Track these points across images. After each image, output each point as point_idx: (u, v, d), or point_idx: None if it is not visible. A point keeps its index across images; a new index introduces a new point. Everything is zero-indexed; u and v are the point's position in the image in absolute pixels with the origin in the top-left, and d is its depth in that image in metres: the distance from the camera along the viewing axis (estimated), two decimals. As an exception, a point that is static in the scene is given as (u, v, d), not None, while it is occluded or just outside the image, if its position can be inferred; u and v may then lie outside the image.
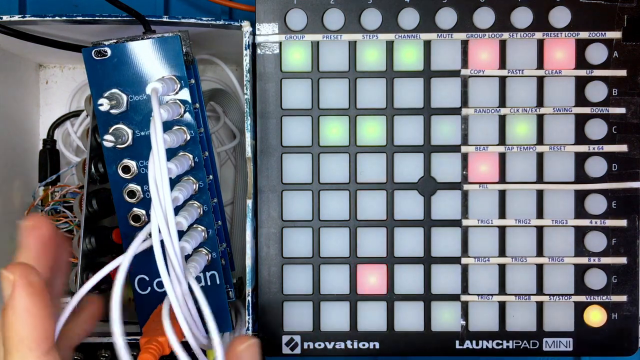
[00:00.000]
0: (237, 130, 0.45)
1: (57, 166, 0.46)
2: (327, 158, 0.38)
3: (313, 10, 0.38)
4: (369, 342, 0.38)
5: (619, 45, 0.37)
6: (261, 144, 0.38)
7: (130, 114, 0.34)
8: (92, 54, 0.34)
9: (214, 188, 0.36)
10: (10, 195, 0.43)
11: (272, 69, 0.38)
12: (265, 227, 0.38)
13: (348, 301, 0.38)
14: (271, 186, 0.38)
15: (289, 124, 0.38)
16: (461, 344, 0.38)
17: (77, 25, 0.37)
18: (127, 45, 0.33)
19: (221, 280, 0.35)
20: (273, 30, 0.38)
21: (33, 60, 0.46)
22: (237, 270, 0.40)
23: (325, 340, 0.38)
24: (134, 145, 0.34)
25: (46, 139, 0.46)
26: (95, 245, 0.38)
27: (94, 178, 0.38)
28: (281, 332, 0.38)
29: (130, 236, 0.35)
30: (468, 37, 0.37)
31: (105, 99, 0.32)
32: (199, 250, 0.34)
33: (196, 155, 0.34)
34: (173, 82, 0.33)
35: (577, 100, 0.37)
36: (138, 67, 0.33)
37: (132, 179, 0.34)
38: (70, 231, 0.43)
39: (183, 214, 0.32)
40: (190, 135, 0.34)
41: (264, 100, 0.38)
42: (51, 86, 0.47)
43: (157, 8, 0.46)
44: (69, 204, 0.44)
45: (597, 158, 0.37)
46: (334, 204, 0.38)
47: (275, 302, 0.38)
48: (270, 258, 0.38)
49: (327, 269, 0.38)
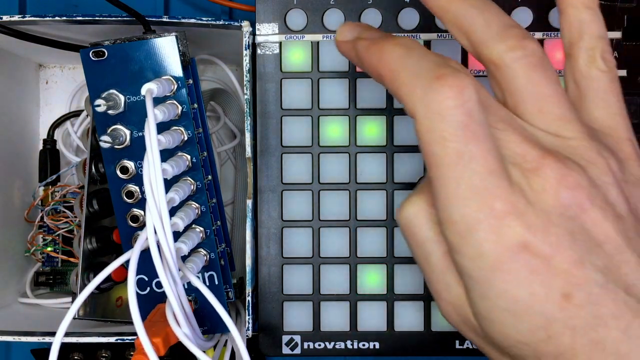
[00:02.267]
0: (237, 130, 0.45)
1: (57, 166, 0.46)
2: (327, 158, 0.38)
3: (313, 10, 0.38)
4: (369, 342, 0.38)
5: (619, 45, 0.37)
6: (261, 144, 0.38)
7: (128, 114, 0.34)
8: (90, 54, 0.34)
9: (213, 188, 0.36)
10: (10, 195, 0.43)
11: (272, 69, 0.38)
12: (265, 227, 0.38)
13: (348, 301, 0.38)
14: (271, 186, 0.38)
15: (289, 124, 0.38)
16: (461, 344, 0.38)
17: (77, 25, 0.37)
18: (124, 45, 0.33)
19: (220, 281, 0.35)
20: (273, 30, 0.38)
21: (33, 60, 0.46)
22: (237, 271, 0.40)
23: (325, 340, 0.38)
24: (132, 145, 0.34)
25: (46, 139, 0.46)
26: (96, 245, 0.38)
27: (94, 178, 0.38)
28: (281, 332, 0.38)
29: (129, 236, 0.35)
30: (468, 37, 0.37)
31: (102, 100, 0.33)
32: (197, 250, 0.34)
33: (194, 156, 0.34)
34: (170, 83, 0.33)
35: (577, 100, 0.37)
36: (135, 68, 0.33)
37: (131, 179, 0.34)
38: (70, 231, 0.43)
39: (180, 214, 0.32)
40: (187, 135, 0.34)
41: (264, 100, 0.38)
42: (51, 86, 0.47)
43: (157, 8, 0.46)
44: (69, 204, 0.44)
45: (597, 158, 0.37)
46: (334, 203, 0.38)
47: (275, 302, 0.38)
48: (270, 258, 0.38)
49: (327, 269, 0.38)
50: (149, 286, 0.35)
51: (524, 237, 0.23)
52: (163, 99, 0.33)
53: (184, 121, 0.34)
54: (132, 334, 0.36)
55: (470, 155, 0.23)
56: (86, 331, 0.36)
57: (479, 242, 0.23)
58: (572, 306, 0.23)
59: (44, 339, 0.36)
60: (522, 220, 0.23)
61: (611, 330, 0.23)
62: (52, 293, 0.45)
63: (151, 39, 0.33)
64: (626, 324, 0.23)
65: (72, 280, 0.41)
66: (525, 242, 0.23)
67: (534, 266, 0.23)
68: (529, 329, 0.24)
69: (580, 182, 0.24)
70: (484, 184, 0.23)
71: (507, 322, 0.24)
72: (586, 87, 0.27)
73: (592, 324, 0.23)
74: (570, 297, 0.23)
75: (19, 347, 0.46)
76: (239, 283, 0.38)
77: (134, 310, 0.28)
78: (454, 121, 0.23)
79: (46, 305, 0.44)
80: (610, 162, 0.25)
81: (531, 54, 0.25)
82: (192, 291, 0.34)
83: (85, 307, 0.38)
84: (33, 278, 0.45)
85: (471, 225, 0.24)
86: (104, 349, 0.42)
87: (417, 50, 0.25)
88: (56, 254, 0.44)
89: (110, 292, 0.39)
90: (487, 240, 0.23)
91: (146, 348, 0.28)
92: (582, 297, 0.23)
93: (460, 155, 0.23)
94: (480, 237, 0.23)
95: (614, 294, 0.23)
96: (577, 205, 0.24)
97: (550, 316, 0.23)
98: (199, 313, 0.34)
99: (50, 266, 0.45)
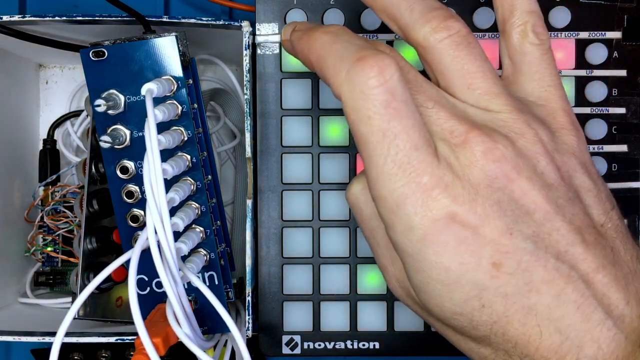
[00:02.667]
0: (237, 130, 0.45)
1: (57, 166, 0.46)
2: (327, 158, 0.38)
3: (313, 10, 0.38)
4: (369, 342, 0.38)
5: (619, 45, 0.37)
6: (261, 144, 0.38)
7: (128, 114, 0.34)
8: (90, 54, 0.34)
9: (213, 188, 0.36)
10: (10, 195, 0.43)
11: (272, 69, 0.38)
12: (265, 227, 0.38)
13: (348, 301, 0.38)
14: (271, 186, 0.38)
15: (289, 124, 0.38)
16: (461, 344, 0.38)
17: (77, 25, 0.37)
18: (124, 45, 0.33)
19: (220, 281, 0.35)
20: (273, 30, 0.38)
21: (33, 60, 0.46)
22: (237, 271, 0.40)
23: (325, 340, 0.38)
24: (132, 145, 0.34)
25: (46, 139, 0.46)
26: (96, 246, 0.38)
27: (94, 178, 0.38)
28: (281, 332, 0.38)
29: (129, 236, 0.35)
30: (468, 37, 0.37)
31: (102, 100, 0.32)
32: (197, 250, 0.34)
33: (194, 156, 0.34)
34: (170, 83, 0.33)
35: (577, 100, 0.37)
36: (135, 68, 0.33)
37: (131, 179, 0.34)
38: (70, 231, 0.44)
39: (180, 214, 0.32)
40: (187, 135, 0.34)
41: (264, 100, 0.38)
42: (51, 86, 0.47)
43: (157, 8, 0.46)
44: (69, 204, 0.44)
45: (597, 158, 0.37)
46: (334, 203, 0.38)
47: (275, 302, 0.38)
48: (270, 258, 0.38)
49: (327, 269, 0.38)
50: (149, 286, 0.35)
51: (451, 208, 0.24)
52: (163, 99, 0.33)
53: (184, 121, 0.34)
54: (132, 334, 0.36)
55: (394, 132, 0.24)
56: (86, 331, 0.36)
57: (408, 216, 0.24)
58: (502, 274, 0.24)
59: (44, 339, 0.36)
60: (448, 192, 0.24)
61: (543, 296, 0.24)
62: (52, 293, 0.45)
63: (151, 39, 0.33)
64: (558, 290, 0.24)
65: (72, 280, 0.41)
66: (452, 213, 0.24)
67: (462, 237, 0.24)
68: (462, 298, 0.25)
69: (506, 154, 0.25)
70: (408, 159, 0.24)
71: (442, 294, 0.25)
72: (520, 61, 0.28)
73: (524, 290, 0.24)
74: (500, 266, 0.24)
75: (19, 347, 0.46)
76: (239, 283, 0.38)
77: (135, 310, 0.28)
78: (377, 100, 0.24)
79: (46, 305, 0.44)
80: (539, 132, 0.26)
81: (455, 33, 0.26)
82: (192, 291, 0.34)
83: (85, 307, 0.38)
84: (33, 278, 0.45)
85: (399, 200, 0.24)
86: (104, 349, 0.42)
87: (343, 36, 0.27)
88: (56, 254, 0.44)
89: (110, 292, 0.39)
90: (415, 213, 0.24)
91: (147, 348, 0.28)
92: (512, 265, 0.24)
93: (385, 132, 0.24)
94: (409, 211, 0.24)
95: (545, 261, 0.24)
96: (503, 176, 0.24)
97: (481, 285, 0.24)
98: (199, 313, 0.34)
99: (50, 266, 0.45)
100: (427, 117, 0.25)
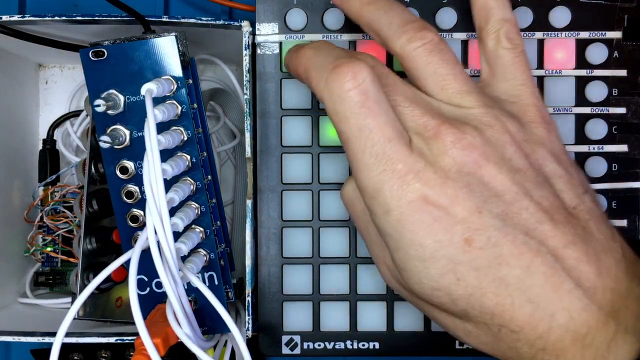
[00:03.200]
0: (237, 130, 0.45)
1: (57, 166, 0.46)
2: (327, 158, 0.38)
3: (313, 10, 0.37)
4: (369, 342, 0.38)
5: (619, 45, 0.37)
6: (261, 144, 0.38)
7: (128, 114, 0.34)
8: (90, 54, 0.34)
9: (212, 188, 0.36)
10: (10, 195, 0.43)
11: (272, 69, 0.38)
12: (265, 227, 0.38)
13: (348, 301, 0.38)
14: (271, 186, 0.38)
15: (289, 124, 0.38)
16: (461, 344, 0.38)
17: (77, 25, 0.37)
18: (124, 45, 0.33)
19: (219, 281, 0.35)
20: (273, 30, 0.38)
21: (33, 60, 0.46)
22: (237, 271, 0.40)
23: (325, 340, 0.38)
24: (132, 145, 0.34)
25: (46, 139, 0.46)
26: (96, 246, 0.38)
27: (94, 178, 0.38)
28: (281, 332, 0.38)
29: (129, 236, 0.35)
30: (468, 37, 0.37)
31: (102, 100, 0.32)
32: (196, 251, 0.34)
33: (193, 156, 0.34)
34: (169, 83, 0.33)
35: (577, 100, 0.37)
36: (135, 68, 0.33)
37: (130, 179, 0.34)
38: (70, 231, 0.43)
39: (179, 215, 0.32)
40: (187, 135, 0.34)
41: (264, 100, 0.38)
42: (51, 86, 0.47)
43: (157, 8, 0.46)
44: (69, 204, 0.44)
45: (597, 158, 0.37)
46: (334, 203, 0.38)
47: (275, 302, 0.38)
48: (270, 258, 0.38)
49: (327, 269, 0.38)
50: (149, 286, 0.35)
51: (423, 191, 0.27)
52: (163, 99, 0.33)
53: (183, 121, 0.34)
54: (131, 334, 0.36)
55: (369, 128, 0.27)
56: (86, 331, 0.36)
57: (386, 200, 0.27)
58: (473, 249, 0.26)
59: (44, 339, 0.36)
60: (419, 177, 0.27)
61: (513, 268, 0.26)
62: (51, 293, 0.45)
63: (151, 39, 0.33)
64: (527, 262, 0.26)
65: (71, 280, 0.41)
66: (424, 195, 0.27)
67: (435, 216, 0.27)
68: (438, 273, 0.27)
69: (474, 143, 0.27)
70: (383, 150, 0.27)
71: (419, 270, 0.27)
72: (494, 64, 0.31)
73: (494, 263, 0.26)
74: (471, 241, 0.26)
75: (19, 347, 0.46)
76: (239, 283, 0.38)
77: (135, 310, 0.28)
78: (352, 101, 0.27)
79: (46, 306, 0.44)
80: (507, 124, 0.29)
81: (428, 42, 0.29)
82: (192, 291, 0.34)
83: (85, 307, 0.38)
84: (33, 278, 0.45)
85: (377, 186, 0.27)
86: (103, 349, 0.42)
87: (324, 49, 0.30)
88: (56, 254, 0.44)
89: (110, 292, 0.39)
90: (392, 197, 0.27)
91: (148, 348, 0.28)
92: (482, 240, 0.26)
93: (361, 128, 0.27)
94: (386, 195, 0.27)
95: (513, 236, 0.26)
96: (472, 162, 0.27)
97: (455, 259, 0.27)
98: (199, 313, 0.34)
99: (50, 266, 0.45)
100: (403, 114, 0.28)
